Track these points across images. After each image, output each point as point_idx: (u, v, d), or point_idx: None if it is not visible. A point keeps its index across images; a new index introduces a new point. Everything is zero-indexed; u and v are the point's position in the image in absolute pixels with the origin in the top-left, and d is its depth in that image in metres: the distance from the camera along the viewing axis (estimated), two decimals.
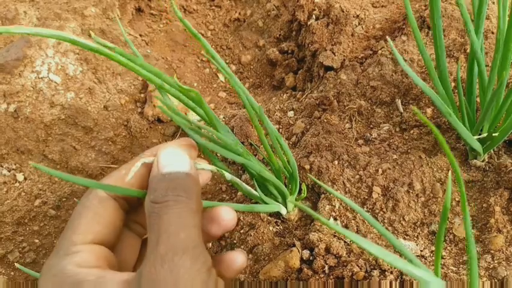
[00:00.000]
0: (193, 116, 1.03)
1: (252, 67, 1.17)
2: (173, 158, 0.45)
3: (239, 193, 0.90)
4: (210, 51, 0.60)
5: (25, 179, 0.94)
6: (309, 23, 1.04)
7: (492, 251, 0.65)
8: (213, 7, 1.29)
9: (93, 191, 0.46)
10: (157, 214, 0.41)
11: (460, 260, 0.68)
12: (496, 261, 0.64)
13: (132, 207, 0.49)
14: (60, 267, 0.41)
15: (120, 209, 0.47)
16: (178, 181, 0.44)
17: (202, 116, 0.65)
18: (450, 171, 0.52)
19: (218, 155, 0.97)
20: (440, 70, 0.73)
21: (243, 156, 0.66)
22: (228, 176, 0.59)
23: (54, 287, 0.40)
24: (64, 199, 0.92)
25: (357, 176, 0.80)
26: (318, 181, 0.62)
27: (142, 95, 1.05)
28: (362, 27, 0.98)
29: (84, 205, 0.45)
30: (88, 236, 0.44)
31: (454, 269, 0.67)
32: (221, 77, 1.16)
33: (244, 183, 0.67)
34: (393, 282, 0.65)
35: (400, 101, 0.86)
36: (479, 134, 0.74)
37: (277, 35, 1.15)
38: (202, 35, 1.23)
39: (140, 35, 1.17)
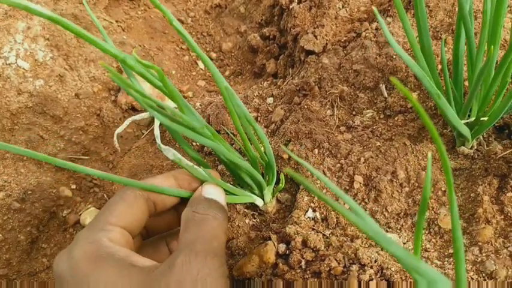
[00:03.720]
0: (170, 103, 0.97)
1: (233, 54, 1.11)
2: (215, 191, 0.57)
3: None
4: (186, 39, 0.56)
5: None
6: (291, 6, 0.99)
7: (480, 243, 0.60)
8: None
9: (130, 188, 0.54)
10: (197, 222, 0.51)
11: (446, 253, 0.63)
12: (484, 255, 0.59)
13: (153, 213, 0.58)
14: (97, 237, 0.48)
15: (147, 210, 0.55)
16: (217, 205, 0.54)
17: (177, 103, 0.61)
18: (430, 154, 0.47)
19: (194, 144, 0.92)
20: (424, 50, 0.68)
21: (210, 139, 0.61)
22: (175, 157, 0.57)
23: (88, 252, 0.46)
24: (29, 192, 0.86)
25: (338, 165, 0.75)
26: (297, 158, 0.57)
27: (116, 83, 1.00)
28: (346, 10, 0.93)
29: (121, 197, 0.53)
30: (121, 221, 0.50)
31: (439, 262, 0.62)
32: (201, 65, 1.10)
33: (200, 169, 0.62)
34: (373, 277, 0.60)
35: (384, 86, 0.81)
36: (467, 119, 0.69)
37: (259, 20, 1.10)
38: (182, 22, 1.17)
39: (116, 21, 1.11)
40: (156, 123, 0.58)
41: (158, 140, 0.56)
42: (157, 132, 0.57)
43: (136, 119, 0.57)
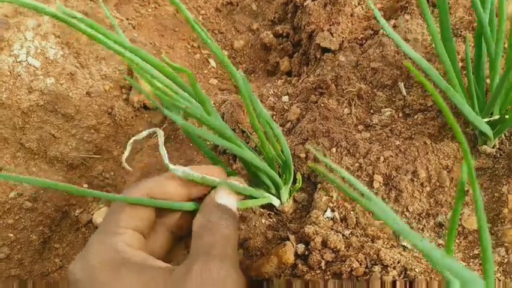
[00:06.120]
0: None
1: (245, 52, 1.10)
2: (227, 196, 0.56)
3: None
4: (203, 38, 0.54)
5: (0, 169, 0.88)
6: (305, 4, 0.97)
7: (506, 244, 0.59)
8: None
9: (137, 186, 0.52)
10: (210, 229, 0.51)
11: (471, 254, 0.62)
12: (510, 255, 0.58)
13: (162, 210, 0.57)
14: (111, 242, 0.47)
15: (154, 209, 0.54)
16: (229, 213, 0.54)
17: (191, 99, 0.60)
18: (464, 148, 0.46)
19: (208, 142, 0.91)
20: (446, 47, 0.66)
21: (230, 141, 0.60)
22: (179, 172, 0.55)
23: (105, 259, 0.46)
24: (41, 191, 0.85)
25: (357, 164, 0.74)
26: (321, 156, 0.56)
27: (127, 81, 0.99)
28: (362, 7, 0.91)
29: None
30: (130, 223, 0.50)
31: (464, 264, 0.61)
32: (212, 63, 1.09)
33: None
34: (396, 278, 0.59)
35: (403, 84, 0.80)
36: (490, 117, 0.68)
37: (272, 18, 1.08)
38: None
39: (127, 19, 1.10)
40: (161, 142, 0.56)
41: (166, 160, 0.54)
42: (163, 151, 0.56)
43: (136, 139, 0.55)
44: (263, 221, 0.76)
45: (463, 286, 0.34)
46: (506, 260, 0.58)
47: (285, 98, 0.87)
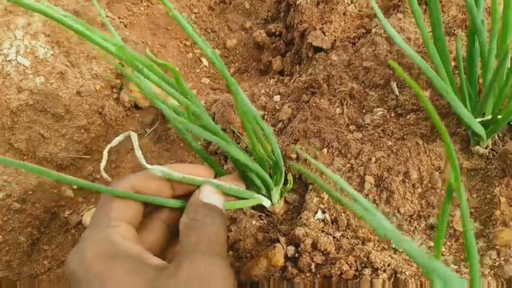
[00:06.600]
0: (174, 103, 0.95)
1: (237, 51, 1.09)
2: (213, 194, 0.55)
3: None
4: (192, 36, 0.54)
5: None
6: (297, 2, 0.96)
7: (498, 247, 0.58)
8: None
9: (122, 181, 0.52)
10: (197, 228, 0.51)
11: (461, 257, 0.61)
12: (502, 259, 0.57)
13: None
14: (106, 234, 0.47)
15: (142, 202, 0.54)
16: (215, 210, 0.54)
17: (181, 101, 0.59)
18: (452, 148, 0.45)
19: (199, 142, 0.90)
20: (437, 46, 0.65)
21: (219, 136, 0.59)
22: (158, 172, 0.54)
23: (100, 250, 0.46)
24: (30, 192, 0.84)
25: (348, 165, 0.73)
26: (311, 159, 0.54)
27: (118, 81, 0.98)
28: (355, 5, 0.90)
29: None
30: (122, 216, 0.50)
31: (455, 267, 0.60)
32: (205, 62, 1.08)
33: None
34: (386, 281, 0.58)
35: (395, 84, 0.78)
36: (482, 117, 0.67)
37: (265, 16, 1.07)
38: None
39: (119, 17, 1.09)
40: (136, 145, 0.55)
41: (143, 161, 0.54)
42: (139, 154, 0.55)
43: (113, 145, 0.55)
44: (254, 222, 0.75)
45: (444, 286, 0.33)
46: (497, 263, 0.57)
47: (277, 98, 0.86)
